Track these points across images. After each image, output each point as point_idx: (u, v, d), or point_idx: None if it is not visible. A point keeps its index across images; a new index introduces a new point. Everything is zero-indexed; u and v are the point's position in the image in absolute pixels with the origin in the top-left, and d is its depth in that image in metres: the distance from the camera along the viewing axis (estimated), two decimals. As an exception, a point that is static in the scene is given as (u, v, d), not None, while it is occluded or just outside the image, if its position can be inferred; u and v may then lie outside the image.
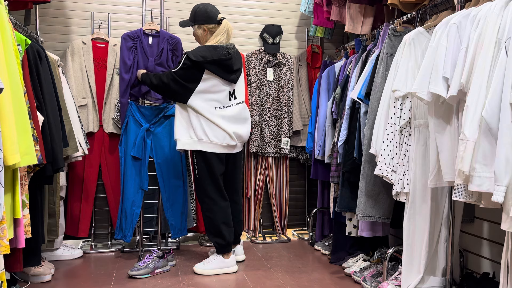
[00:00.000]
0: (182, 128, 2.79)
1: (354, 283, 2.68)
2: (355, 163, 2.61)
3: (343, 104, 2.90)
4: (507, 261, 1.70)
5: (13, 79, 1.85)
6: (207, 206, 2.84)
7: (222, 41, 2.81)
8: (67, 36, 3.48)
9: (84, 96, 3.33)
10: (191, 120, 2.77)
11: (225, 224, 2.85)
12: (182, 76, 2.72)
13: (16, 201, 1.90)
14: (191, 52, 2.72)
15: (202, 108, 2.75)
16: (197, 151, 2.80)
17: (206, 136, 2.76)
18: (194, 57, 2.68)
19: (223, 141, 2.79)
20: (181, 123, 2.79)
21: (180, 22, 2.89)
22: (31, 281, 2.65)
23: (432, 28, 2.24)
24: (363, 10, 3.12)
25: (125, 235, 3.12)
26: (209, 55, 2.71)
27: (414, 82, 1.97)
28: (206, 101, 2.76)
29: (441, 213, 2.27)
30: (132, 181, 3.13)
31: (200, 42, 2.88)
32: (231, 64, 2.78)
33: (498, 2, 1.70)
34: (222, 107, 2.80)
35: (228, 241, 2.86)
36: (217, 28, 2.82)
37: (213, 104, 2.77)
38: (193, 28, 2.88)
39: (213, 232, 2.85)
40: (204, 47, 2.75)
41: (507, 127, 1.55)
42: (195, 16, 2.82)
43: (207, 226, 2.88)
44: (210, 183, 2.82)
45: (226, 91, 2.81)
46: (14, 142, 1.74)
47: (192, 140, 2.78)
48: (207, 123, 2.76)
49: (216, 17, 2.82)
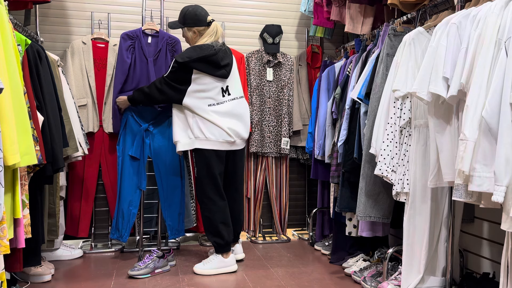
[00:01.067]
0: (180, 130, 2.83)
1: (354, 283, 2.68)
2: (355, 163, 2.61)
3: (343, 104, 2.90)
4: (507, 261, 1.70)
5: (13, 79, 1.85)
6: (206, 206, 2.86)
7: (211, 41, 2.83)
8: (67, 36, 3.48)
9: (84, 96, 3.33)
10: (188, 120, 2.81)
11: (223, 224, 2.86)
12: (173, 79, 2.77)
13: (16, 201, 1.90)
14: (178, 55, 2.77)
15: (196, 106, 2.78)
16: (196, 150, 2.82)
17: (202, 133, 2.78)
18: (181, 59, 2.73)
19: (219, 138, 2.81)
20: (179, 125, 2.83)
21: (169, 23, 2.92)
22: (31, 281, 2.65)
23: (432, 28, 2.24)
24: (363, 10, 3.12)
25: (121, 235, 3.11)
26: (195, 54, 2.73)
27: (414, 82, 1.97)
28: (200, 99, 2.79)
29: (441, 213, 2.27)
30: (129, 180, 3.12)
31: (190, 44, 2.91)
32: (217, 60, 2.78)
33: (498, 2, 1.70)
34: (216, 104, 2.82)
35: (227, 241, 2.87)
36: (206, 30, 2.85)
37: (207, 101, 2.80)
38: (182, 30, 2.91)
39: (212, 232, 2.86)
40: (191, 48, 2.80)
41: (507, 127, 1.55)
42: (184, 19, 2.85)
43: (206, 226, 2.89)
44: (209, 182, 2.83)
45: (218, 87, 2.83)
46: (14, 142, 1.74)
47: (190, 139, 2.81)
48: (202, 120, 2.79)
49: (205, 20, 2.85)
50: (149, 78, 3.15)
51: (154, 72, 3.16)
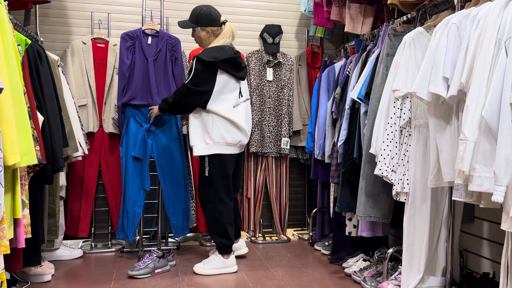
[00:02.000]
0: (197, 135, 2.78)
1: (354, 283, 2.68)
2: (355, 163, 2.61)
3: (343, 104, 2.90)
4: (507, 261, 1.70)
5: (13, 79, 1.85)
6: (215, 206, 2.82)
7: (227, 42, 2.83)
8: (67, 36, 3.48)
9: (84, 96, 3.33)
10: (207, 124, 2.76)
11: (229, 225, 2.86)
12: (197, 82, 2.70)
13: (16, 201, 1.90)
14: (200, 55, 2.70)
15: (220, 109, 2.75)
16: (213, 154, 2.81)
17: (223, 138, 2.76)
18: (206, 58, 2.68)
19: (238, 141, 2.82)
20: (196, 130, 2.79)
21: (180, 23, 2.86)
22: (31, 281, 2.65)
23: (432, 28, 2.24)
24: (363, 10, 3.12)
25: (127, 235, 3.11)
26: (219, 55, 2.71)
27: (414, 82, 1.97)
28: (223, 101, 2.77)
29: (441, 213, 2.27)
30: (133, 181, 3.13)
31: (202, 44, 2.88)
32: (240, 62, 2.82)
33: (498, 2, 1.70)
34: (237, 105, 2.83)
35: (232, 241, 2.89)
36: (220, 30, 2.83)
37: (230, 103, 2.79)
38: (194, 29, 2.86)
39: (218, 233, 2.84)
40: (213, 48, 2.75)
41: (507, 127, 1.55)
42: (198, 18, 2.81)
43: (211, 226, 2.86)
44: (221, 183, 2.82)
45: (237, 89, 2.84)
46: (14, 142, 1.74)
47: (208, 145, 2.77)
48: (224, 124, 2.76)
49: (219, 20, 2.83)
50: (149, 78, 3.14)
51: (154, 72, 3.16)
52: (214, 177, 2.81)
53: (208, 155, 2.79)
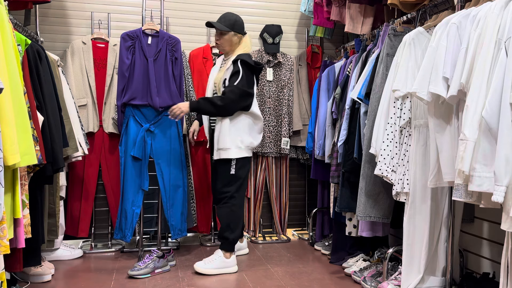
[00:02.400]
0: (231, 139, 2.85)
1: (354, 283, 2.68)
2: (355, 163, 2.61)
3: (343, 104, 2.90)
4: (507, 261, 1.70)
5: (13, 79, 1.85)
6: (237, 201, 2.91)
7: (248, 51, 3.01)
8: (67, 36, 3.48)
9: (84, 96, 3.33)
10: (243, 128, 2.88)
11: (242, 221, 3.05)
12: (247, 84, 2.84)
13: (16, 201, 1.90)
14: (243, 58, 2.83)
15: (256, 111, 2.93)
16: None
17: (252, 143, 2.92)
18: (251, 62, 2.85)
19: (255, 146, 2.97)
20: (230, 134, 2.85)
21: (216, 25, 2.90)
22: (31, 281, 2.65)
23: (432, 28, 2.24)
24: (363, 10, 3.12)
25: (124, 235, 3.11)
26: (252, 61, 2.90)
27: (414, 82, 1.97)
28: (256, 104, 2.96)
29: (441, 213, 2.27)
30: (132, 181, 3.13)
31: (229, 48, 2.97)
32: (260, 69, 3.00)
33: (498, 2, 1.70)
34: None
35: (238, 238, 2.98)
36: (242, 39, 3.00)
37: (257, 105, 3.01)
38: (224, 33, 2.93)
39: (233, 228, 2.90)
40: (246, 54, 2.92)
41: (507, 127, 1.55)
42: (234, 25, 2.93)
43: (227, 221, 2.88)
44: (244, 183, 2.97)
45: None
46: (14, 142, 1.74)
47: (239, 148, 2.87)
48: (254, 128, 2.93)
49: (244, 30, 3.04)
50: (149, 78, 3.14)
51: (154, 72, 3.15)
52: (240, 176, 2.90)
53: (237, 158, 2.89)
